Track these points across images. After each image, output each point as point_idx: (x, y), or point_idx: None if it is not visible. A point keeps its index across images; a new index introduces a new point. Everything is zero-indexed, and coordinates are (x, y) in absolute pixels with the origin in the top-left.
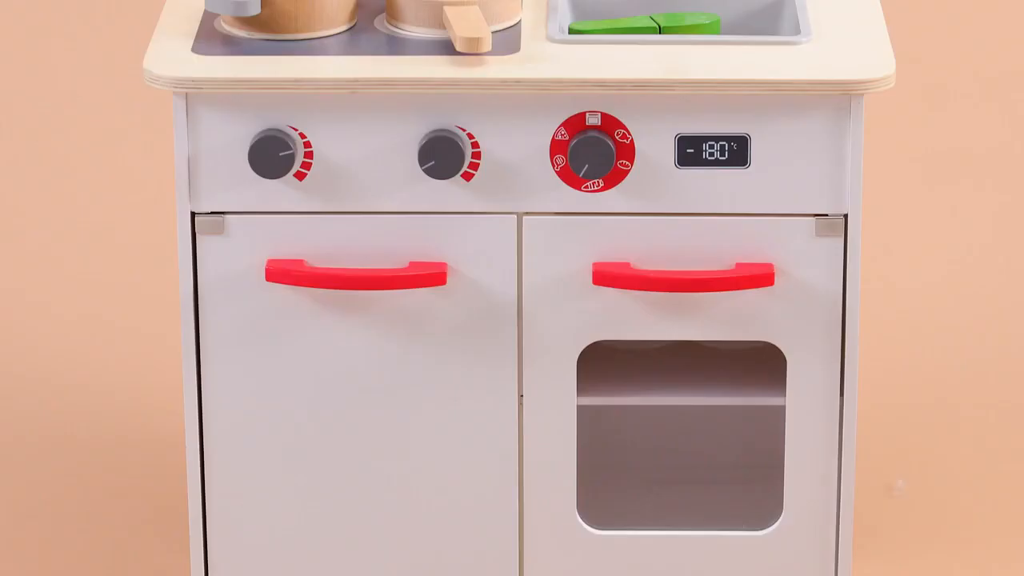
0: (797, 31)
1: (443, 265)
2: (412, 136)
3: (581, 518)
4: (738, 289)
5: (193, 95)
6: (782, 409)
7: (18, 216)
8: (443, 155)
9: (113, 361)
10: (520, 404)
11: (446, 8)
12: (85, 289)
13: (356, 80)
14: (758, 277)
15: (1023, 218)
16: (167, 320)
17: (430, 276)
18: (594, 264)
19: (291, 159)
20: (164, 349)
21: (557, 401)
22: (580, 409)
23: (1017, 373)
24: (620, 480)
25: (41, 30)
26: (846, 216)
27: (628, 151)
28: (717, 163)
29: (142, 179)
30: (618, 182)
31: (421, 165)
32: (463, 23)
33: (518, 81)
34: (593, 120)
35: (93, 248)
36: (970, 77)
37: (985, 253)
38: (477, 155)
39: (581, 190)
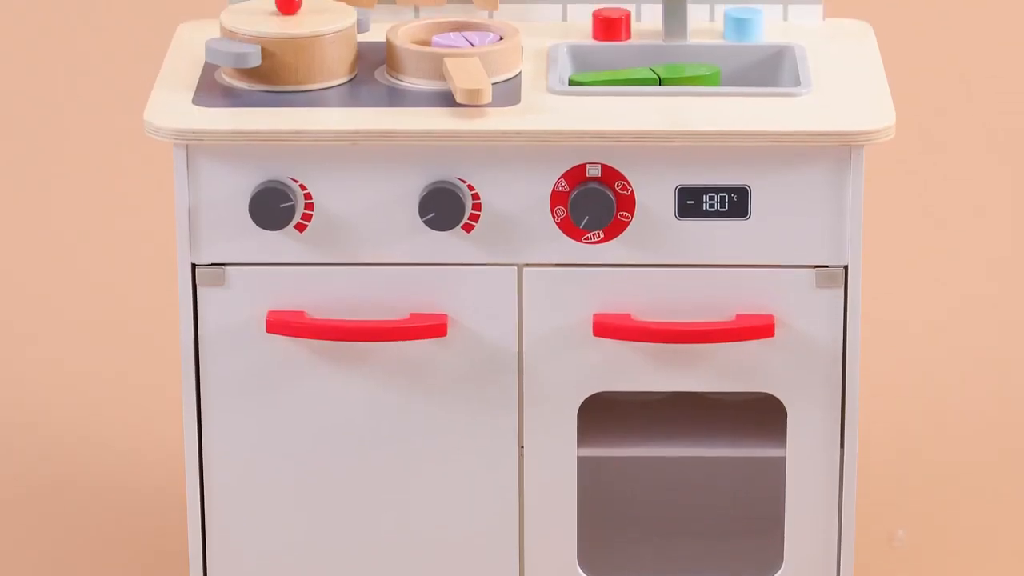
0: (797, 82)
1: (443, 316)
2: (412, 187)
3: (582, 569)
4: (738, 340)
5: (194, 146)
6: (782, 460)
7: (19, 267)
8: (443, 207)
9: (114, 411)
10: (521, 455)
11: (446, 60)
12: (86, 339)
13: (356, 132)
14: (758, 328)
15: (1018, 260)
16: (168, 370)
17: (431, 328)
18: (595, 315)
19: (292, 211)
20: (165, 399)
21: (558, 452)
22: (580, 460)
23: (1018, 423)
24: (621, 531)
25: (42, 81)
26: (846, 267)
27: (628, 202)
28: (717, 214)
29: (142, 230)
30: (618, 233)
31: (421, 217)
32: (463, 75)
33: (518, 133)
34: (593, 171)
35: (94, 299)
36: (969, 126)
37: (986, 303)
38: (477, 207)
39: (581, 241)
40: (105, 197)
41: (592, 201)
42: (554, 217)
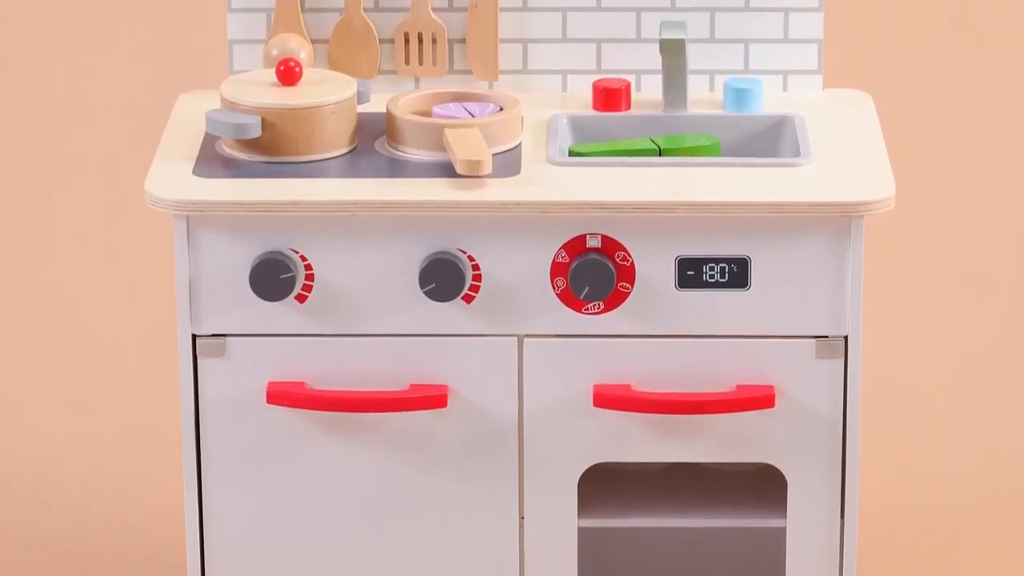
0: (797, 153)
1: (444, 387)
2: (413, 258)
3: None
4: (739, 411)
5: (194, 217)
6: (783, 531)
7: (20, 337)
8: (444, 277)
9: (115, 481)
10: (521, 526)
11: (446, 130)
12: (87, 408)
13: (356, 202)
14: (759, 399)
15: (1022, 337)
16: (168, 440)
17: (431, 398)
18: (595, 386)
19: (292, 281)
20: (165, 470)
21: (558, 523)
22: (581, 531)
23: (1020, 488)
24: None
25: (44, 150)
26: (846, 338)
27: (629, 273)
28: (717, 285)
29: (143, 301)
30: (619, 304)
31: (422, 287)
32: (463, 145)
33: (518, 203)
34: (593, 242)
35: (95, 369)
36: (969, 196)
37: (985, 371)
38: (478, 277)
39: (582, 312)
40: (106, 268)
41: (592, 272)
42: (554, 288)
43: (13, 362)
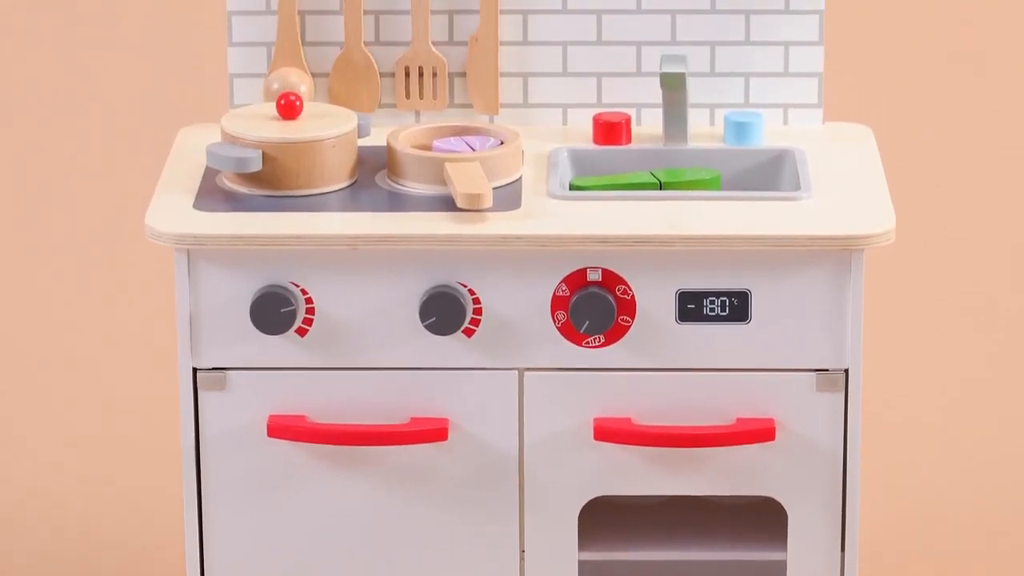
0: (797, 186)
1: (444, 421)
2: (413, 292)
3: None
4: (739, 444)
5: (195, 251)
6: (783, 564)
7: (20, 370)
8: (444, 311)
9: (116, 514)
10: (522, 559)
11: (447, 164)
12: (88, 440)
13: (357, 236)
14: (759, 432)
15: (1022, 371)
16: (169, 473)
17: (431, 432)
18: (595, 419)
19: (293, 315)
20: (166, 502)
21: (559, 556)
22: (581, 564)
23: (1021, 523)
24: None
25: (44, 184)
26: (847, 371)
27: (629, 307)
28: (718, 318)
29: (143, 334)
30: (619, 338)
31: (422, 321)
32: (464, 179)
33: (519, 237)
34: (594, 276)
35: (95, 402)
36: (969, 229)
37: (986, 405)
38: (478, 311)
39: (582, 346)
40: (107, 301)
41: (593, 305)
42: (555, 321)
43: (15, 394)
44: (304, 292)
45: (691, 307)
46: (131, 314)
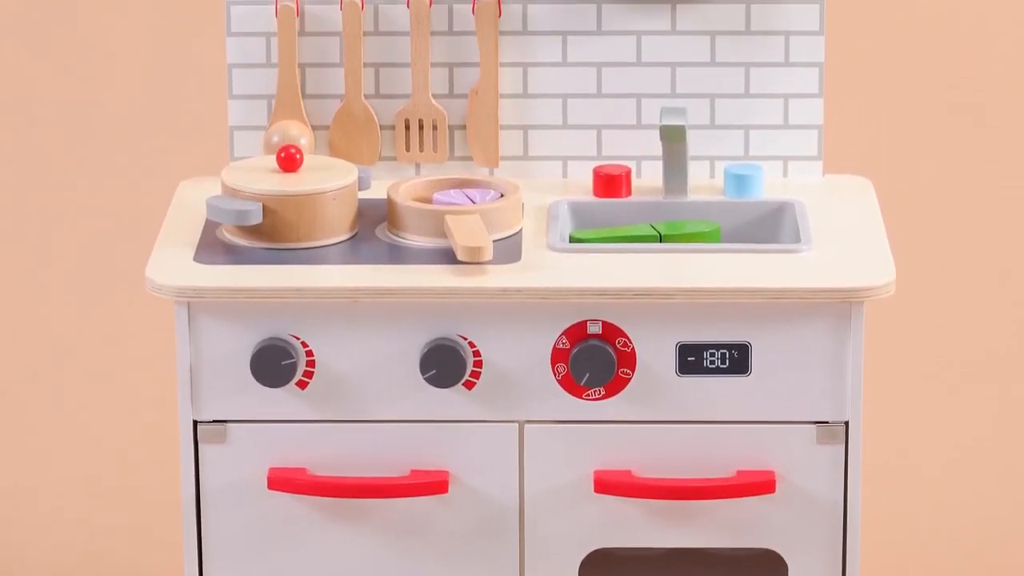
0: (797, 239)
1: (445, 473)
2: (414, 345)
3: None
4: (739, 497)
5: (195, 304)
6: None
7: (22, 423)
8: (445, 364)
9: (116, 566)
10: None
11: (447, 217)
12: (88, 494)
13: (357, 289)
14: (759, 484)
15: (1022, 423)
16: (170, 525)
17: (432, 484)
18: (595, 472)
19: (293, 368)
20: (167, 555)
21: None
22: None
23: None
24: None
25: (44, 236)
26: (847, 423)
27: (629, 359)
28: (718, 371)
29: (144, 386)
30: (619, 390)
31: (423, 374)
32: (464, 232)
33: (519, 290)
34: (594, 328)
35: (96, 454)
36: (970, 281)
37: (987, 459)
38: (478, 363)
39: (582, 398)
40: (107, 354)
41: (593, 358)
42: (555, 374)
43: (16, 446)
44: (304, 345)
45: (691, 359)
46: (132, 367)
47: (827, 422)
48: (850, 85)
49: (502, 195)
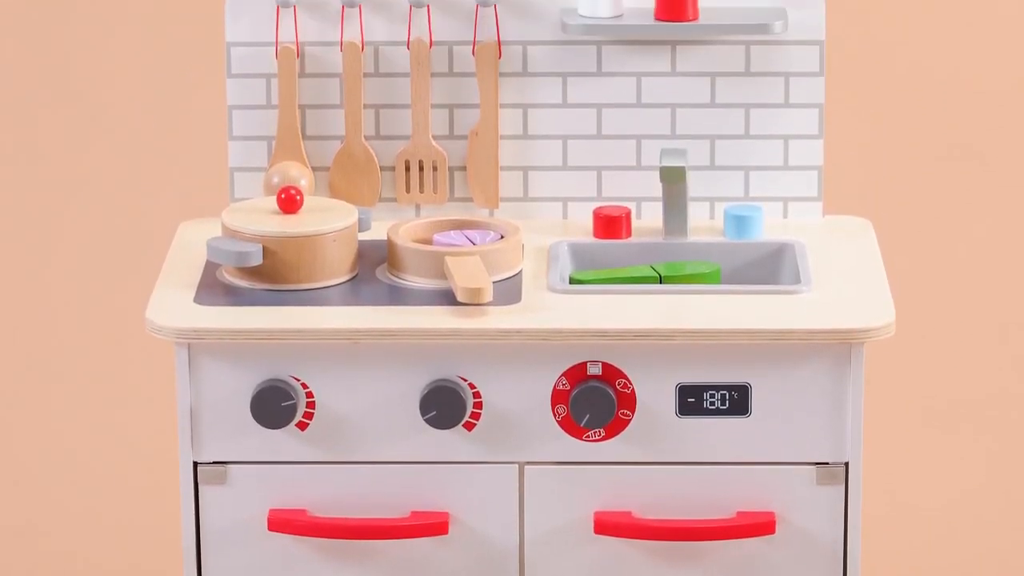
0: (797, 280)
1: (445, 514)
2: (414, 386)
3: None
4: (739, 538)
5: (196, 345)
6: None
7: (22, 467)
8: (445, 405)
9: None
10: None
11: (447, 258)
12: (89, 534)
13: (357, 330)
14: (759, 526)
15: (1022, 465)
16: (170, 567)
17: (432, 526)
18: (596, 513)
19: (293, 409)
20: None
21: None
22: None
23: None
24: None
25: (44, 280)
26: (847, 464)
27: (629, 400)
28: (718, 412)
29: (144, 428)
30: (619, 431)
31: (423, 415)
32: (464, 273)
33: (519, 331)
34: (594, 370)
35: (97, 495)
36: (970, 321)
37: (987, 500)
38: (479, 405)
39: (582, 439)
40: (107, 395)
41: (593, 399)
42: (555, 415)
43: (16, 488)
44: (304, 386)
45: (691, 401)
46: (132, 408)
47: (827, 463)
48: (850, 126)
49: (502, 236)
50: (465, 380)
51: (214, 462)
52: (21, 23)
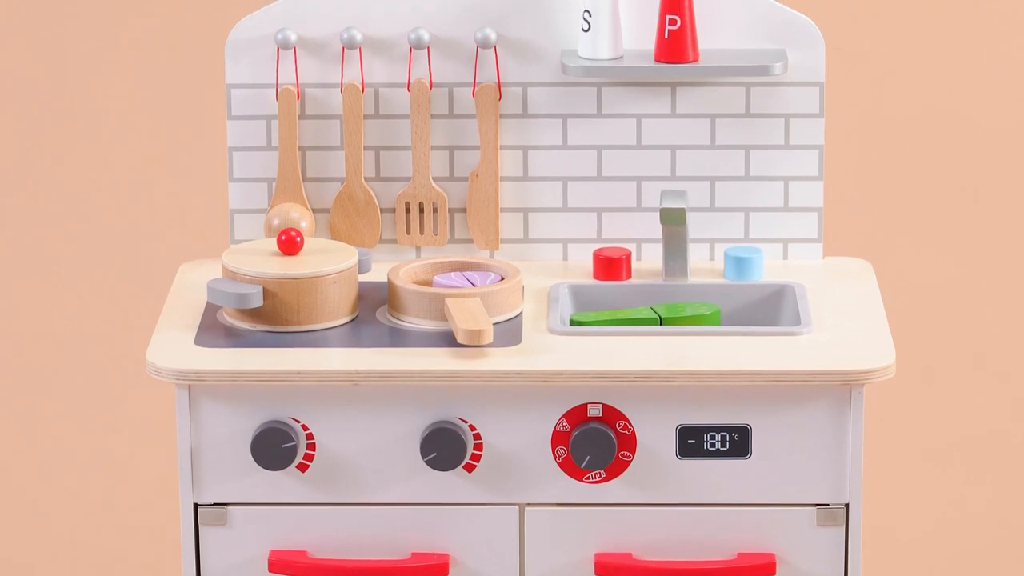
0: (797, 321)
1: (445, 556)
2: (414, 428)
3: None
4: None
5: (196, 387)
6: None
7: (23, 509)
8: (445, 447)
9: None
10: None
11: (447, 300)
12: (89, 574)
13: (358, 372)
14: (760, 567)
15: (1022, 504)
16: None
17: (432, 568)
18: (596, 555)
19: (293, 451)
20: None
21: None
22: None
23: None
24: None
25: (44, 320)
26: (847, 506)
27: (629, 442)
28: (718, 454)
29: (144, 469)
30: (620, 473)
31: (423, 457)
32: (464, 315)
33: (519, 373)
34: (594, 411)
35: (97, 538)
36: (969, 362)
37: (989, 541)
38: (479, 447)
39: (583, 481)
40: (107, 437)
41: (593, 441)
42: (555, 457)
43: (17, 531)
44: (305, 428)
45: (691, 442)
46: (132, 450)
47: (827, 504)
48: (850, 168)
49: (502, 278)
50: (465, 422)
51: (214, 504)
52: (22, 66)
